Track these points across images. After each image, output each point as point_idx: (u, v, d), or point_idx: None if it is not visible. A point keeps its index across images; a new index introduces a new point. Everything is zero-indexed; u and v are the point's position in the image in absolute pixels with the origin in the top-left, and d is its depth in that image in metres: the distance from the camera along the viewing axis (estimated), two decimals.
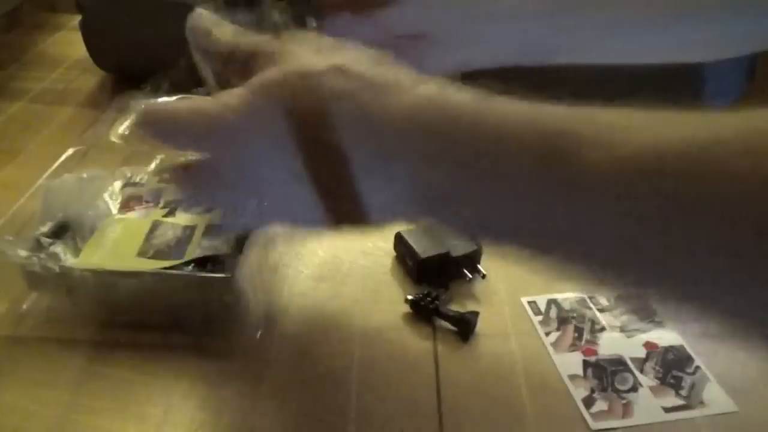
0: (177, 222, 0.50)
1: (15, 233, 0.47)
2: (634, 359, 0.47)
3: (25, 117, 0.76)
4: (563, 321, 0.50)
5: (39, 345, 0.46)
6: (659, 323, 0.50)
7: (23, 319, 0.47)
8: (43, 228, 0.49)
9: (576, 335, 0.49)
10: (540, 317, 0.51)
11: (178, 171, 0.38)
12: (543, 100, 0.29)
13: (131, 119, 0.35)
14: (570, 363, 0.47)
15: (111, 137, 0.60)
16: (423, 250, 0.52)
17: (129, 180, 0.57)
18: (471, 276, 0.52)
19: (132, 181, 0.57)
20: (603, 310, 0.52)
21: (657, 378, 0.46)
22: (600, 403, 0.44)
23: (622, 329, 0.50)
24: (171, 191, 0.52)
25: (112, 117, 0.62)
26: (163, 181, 0.53)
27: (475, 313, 0.49)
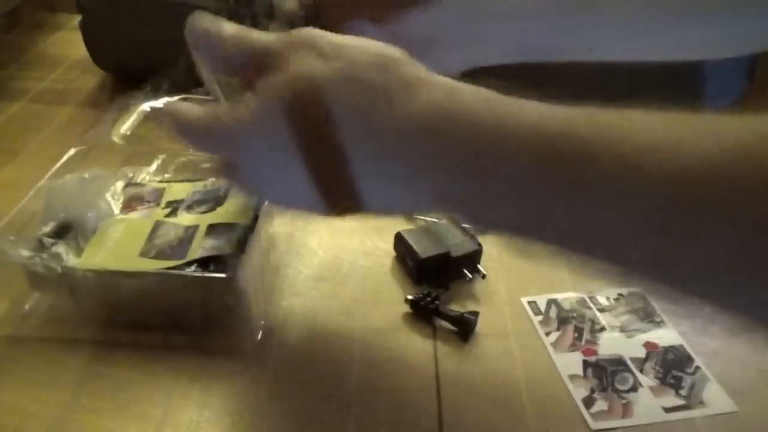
0: (179, 222, 0.50)
1: (16, 233, 0.47)
2: (634, 359, 0.47)
3: (25, 117, 0.76)
4: (563, 321, 0.51)
5: (40, 345, 0.46)
6: (659, 323, 0.50)
7: (25, 319, 0.48)
8: (46, 228, 0.49)
9: (576, 335, 0.49)
10: (540, 317, 0.51)
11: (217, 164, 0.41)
12: (542, 99, 0.29)
13: (160, 119, 0.37)
14: (570, 363, 0.47)
15: (112, 137, 0.60)
16: (423, 250, 0.52)
17: (131, 180, 0.57)
18: (471, 276, 0.52)
19: (134, 181, 0.57)
20: (603, 310, 0.52)
21: (657, 378, 0.46)
22: (600, 403, 0.44)
23: (622, 329, 0.50)
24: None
25: (113, 117, 0.62)
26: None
27: (475, 313, 0.49)
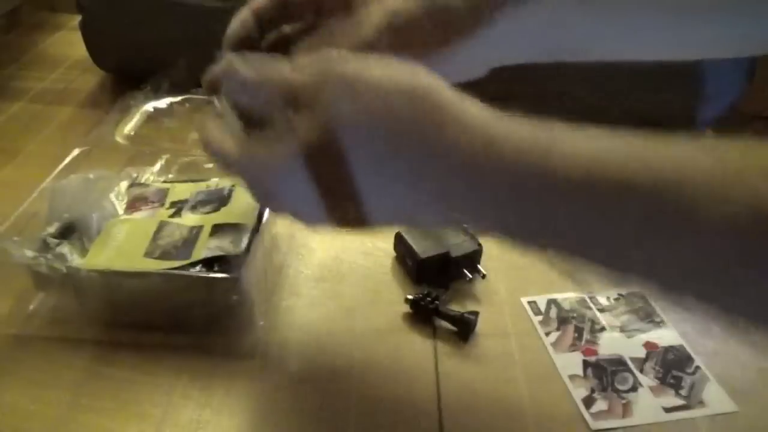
0: (183, 222, 0.50)
1: (20, 234, 0.47)
2: (634, 359, 0.47)
3: (25, 117, 0.76)
4: (563, 321, 0.51)
5: (44, 345, 0.46)
6: (659, 323, 0.50)
7: (29, 319, 0.48)
8: (50, 228, 0.49)
9: (576, 335, 0.49)
10: (540, 317, 0.51)
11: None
12: (542, 99, 0.30)
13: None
14: (570, 363, 0.47)
15: (116, 138, 0.60)
16: (423, 250, 0.52)
17: (134, 180, 0.57)
18: (471, 276, 0.52)
19: (137, 182, 0.57)
20: (603, 310, 0.52)
21: (657, 378, 0.46)
22: (600, 403, 0.44)
23: (622, 329, 0.50)
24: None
25: (116, 118, 0.62)
26: None
27: (475, 313, 0.49)
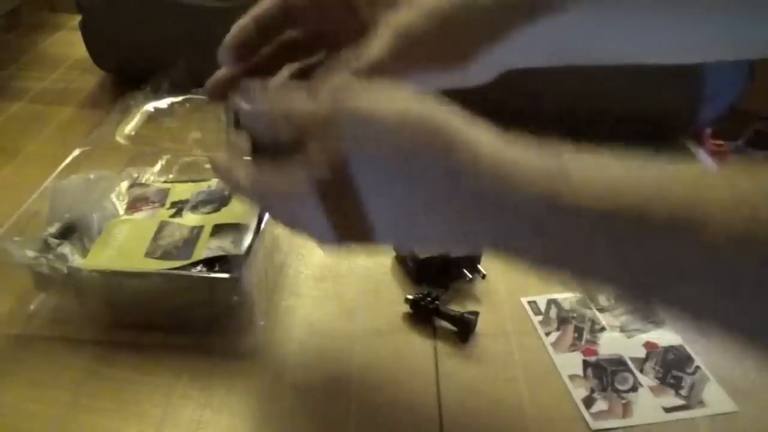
0: (184, 223, 0.50)
1: (19, 234, 0.47)
2: (634, 359, 0.47)
3: (25, 117, 0.76)
4: (563, 321, 0.51)
5: (44, 345, 0.46)
6: (659, 323, 0.50)
7: (30, 319, 0.48)
8: (51, 229, 0.49)
9: (576, 335, 0.49)
10: (540, 317, 0.51)
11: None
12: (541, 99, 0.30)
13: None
14: (570, 363, 0.47)
15: (116, 138, 0.60)
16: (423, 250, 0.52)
17: (135, 180, 0.57)
18: (471, 276, 0.52)
19: (138, 182, 0.57)
20: (603, 310, 0.52)
21: (657, 378, 0.46)
22: (600, 403, 0.44)
23: (622, 329, 0.50)
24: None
25: (116, 118, 0.62)
26: None
27: (475, 313, 0.49)
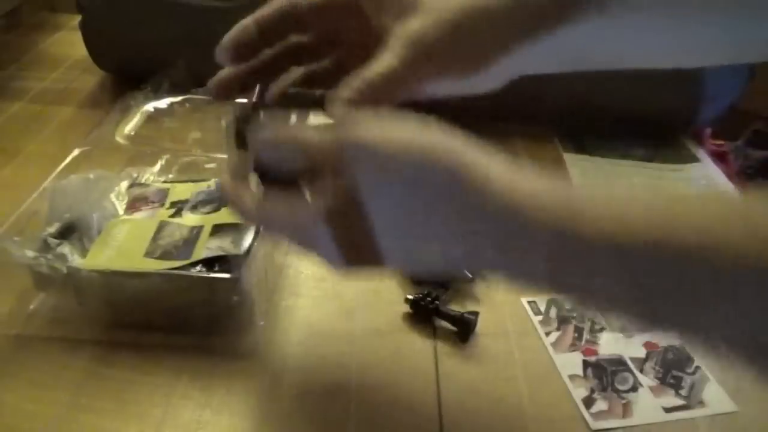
0: (184, 222, 0.50)
1: (19, 233, 0.47)
2: (634, 359, 0.47)
3: (25, 117, 0.76)
4: (563, 321, 0.51)
5: (44, 345, 0.46)
6: None
7: (30, 319, 0.48)
8: (50, 229, 0.49)
9: (576, 335, 0.49)
10: (540, 317, 0.51)
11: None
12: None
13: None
14: (570, 363, 0.47)
15: (116, 138, 0.60)
16: None
17: (135, 180, 0.57)
18: (471, 276, 0.52)
19: (138, 182, 0.57)
20: None
21: (657, 378, 0.46)
22: (600, 403, 0.44)
23: (622, 329, 0.50)
24: None
25: (116, 118, 0.62)
26: None
27: (475, 313, 0.49)
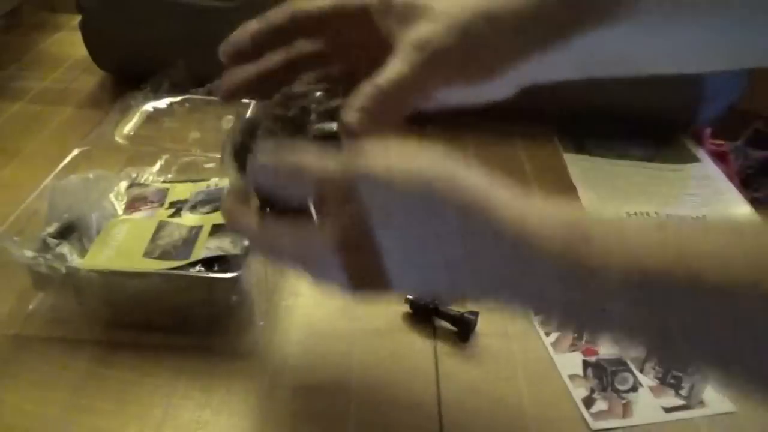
0: (183, 222, 0.50)
1: (20, 233, 0.47)
2: (634, 359, 0.47)
3: (25, 117, 0.76)
4: None
5: (43, 345, 0.46)
6: None
7: (29, 319, 0.48)
8: (50, 228, 0.49)
9: (576, 335, 0.49)
10: (540, 317, 0.51)
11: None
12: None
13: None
14: (570, 363, 0.47)
15: (116, 138, 0.60)
16: None
17: (134, 180, 0.57)
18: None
19: (137, 182, 0.57)
20: None
21: (657, 378, 0.46)
22: (600, 403, 0.44)
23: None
24: None
25: (116, 118, 0.62)
26: None
27: (475, 313, 0.49)
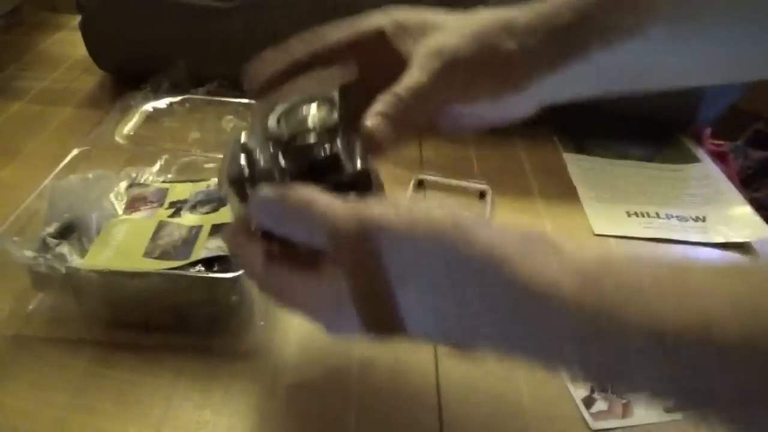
0: (183, 222, 0.50)
1: (19, 233, 0.47)
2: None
3: (25, 117, 0.76)
4: None
5: (43, 345, 0.46)
6: None
7: (29, 320, 0.47)
8: (49, 228, 0.49)
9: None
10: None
11: None
12: None
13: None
14: None
15: (115, 138, 0.60)
16: None
17: (134, 180, 0.57)
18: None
19: (137, 182, 0.57)
20: None
21: None
22: (600, 403, 0.44)
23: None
24: None
25: (115, 118, 0.62)
26: None
27: None
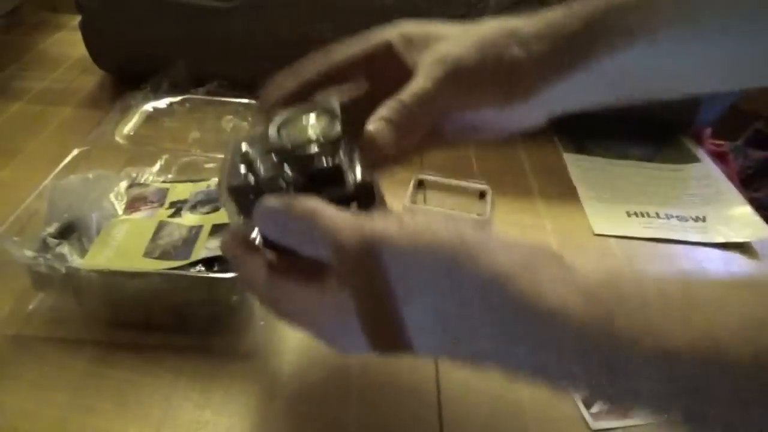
0: (183, 222, 0.50)
1: (18, 233, 0.47)
2: None
3: (25, 117, 0.76)
4: None
5: (43, 345, 0.46)
6: None
7: (29, 320, 0.47)
8: (50, 228, 0.49)
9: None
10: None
11: None
12: None
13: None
14: None
15: (116, 138, 0.60)
16: None
17: (134, 180, 0.57)
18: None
19: (137, 182, 0.57)
20: None
21: None
22: (600, 403, 0.44)
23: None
24: None
25: (115, 118, 0.62)
26: None
27: None
